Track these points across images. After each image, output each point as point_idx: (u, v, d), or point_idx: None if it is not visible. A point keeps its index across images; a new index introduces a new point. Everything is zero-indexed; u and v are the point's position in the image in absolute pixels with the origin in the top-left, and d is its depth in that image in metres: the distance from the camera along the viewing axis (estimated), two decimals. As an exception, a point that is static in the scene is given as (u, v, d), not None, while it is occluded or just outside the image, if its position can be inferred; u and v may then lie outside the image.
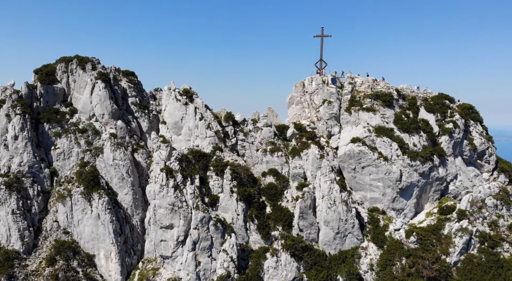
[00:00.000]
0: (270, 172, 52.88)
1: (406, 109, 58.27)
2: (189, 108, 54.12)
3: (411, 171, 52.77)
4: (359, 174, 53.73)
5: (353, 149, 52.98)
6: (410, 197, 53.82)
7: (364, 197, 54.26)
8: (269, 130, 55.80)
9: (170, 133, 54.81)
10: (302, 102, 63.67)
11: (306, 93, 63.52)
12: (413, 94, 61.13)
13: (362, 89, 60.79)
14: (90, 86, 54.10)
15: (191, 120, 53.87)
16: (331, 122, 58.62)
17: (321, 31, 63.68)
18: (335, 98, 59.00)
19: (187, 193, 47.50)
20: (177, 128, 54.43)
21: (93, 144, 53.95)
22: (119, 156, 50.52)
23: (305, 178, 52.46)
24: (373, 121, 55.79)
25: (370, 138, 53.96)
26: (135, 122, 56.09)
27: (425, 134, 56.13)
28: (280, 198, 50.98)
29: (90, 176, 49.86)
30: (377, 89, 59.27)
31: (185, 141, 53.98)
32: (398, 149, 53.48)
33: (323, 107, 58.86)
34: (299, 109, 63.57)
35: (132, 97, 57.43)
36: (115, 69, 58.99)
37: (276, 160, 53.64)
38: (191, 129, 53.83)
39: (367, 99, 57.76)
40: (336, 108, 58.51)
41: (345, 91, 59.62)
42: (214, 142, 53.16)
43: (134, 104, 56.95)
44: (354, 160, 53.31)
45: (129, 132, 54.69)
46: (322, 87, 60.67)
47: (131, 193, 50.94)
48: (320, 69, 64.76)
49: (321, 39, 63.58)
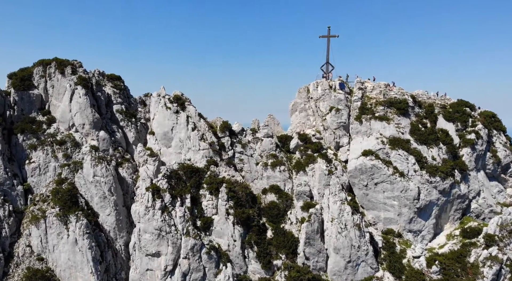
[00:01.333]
0: (271, 188, 46.95)
1: (422, 118, 52.35)
2: (180, 117, 48.16)
3: (430, 188, 46.83)
4: (371, 191, 47.77)
5: (365, 163, 47.06)
6: (428, 217, 47.84)
7: (377, 217, 48.27)
8: (270, 142, 49.85)
9: (158, 145, 48.84)
10: (307, 110, 57.70)
11: (311, 100, 57.57)
12: (430, 101, 55.19)
13: (373, 95, 54.85)
14: (69, 92, 48.15)
15: (182, 131, 47.90)
16: (339, 132, 52.65)
17: (328, 31, 57.83)
18: (343, 106, 53.04)
19: (176, 215, 41.51)
20: (166, 139, 48.44)
21: (72, 157, 47.94)
22: (101, 171, 44.53)
23: (311, 197, 46.49)
24: (387, 132, 49.88)
25: (384, 151, 48.04)
26: (120, 132, 50.12)
27: (444, 146, 50.23)
28: (283, 220, 44.99)
29: (67, 195, 43.88)
30: (390, 96, 53.34)
31: (176, 154, 48.01)
32: (415, 163, 47.56)
33: (330, 116, 52.90)
34: (303, 117, 57.60)
35: (117, 104, 51.48)
36: (99, 73, 53.04)
37: (278, 175, 47.68)
38: (182, 141, 47.87)
39: (380, 107, 51.82)
40: (344, 117, 52.53)
41: (354, 98, 53.67)
42: (208, 155, 47.18)
43: (119, 112, 51.01)
44: (366, 176, 47.37)
45: (113, 144, 48.71)
46: (329, 93, 54.74)
47: (114, 214, 44.95)
48: (326, 73, 58.83)
49: (328, 40, 57.70)
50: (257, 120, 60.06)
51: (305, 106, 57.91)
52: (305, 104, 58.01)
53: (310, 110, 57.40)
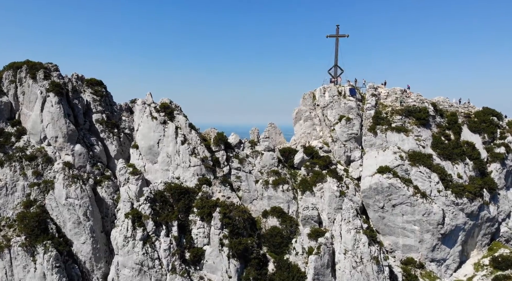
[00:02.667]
0: (273, 211, 40.68)
1: (445, 128, 46.02)
2: (168, 129, 41.84)
3: (457, 211, 40.57)
4: (388, 214, 41.46)
5: (381, 181, 40.77)
6: (454, 243, 41.58)
7: (395, 243, 41.94)
8: (271, 156, 43.53)
9: (143, 161, 42.51)
10: (312, 118, 51.37)
11: (317, 107, 51.25)
12: (452, 109, 48.87)
13: (388, 102, 48.55)
14: (41, 100, 41.89)
15: (170, 144, 41.57)
16: (350, 145, 46.32)
17: (336, 30, 51.51)
18: (354, 114, 46.72)
19: (160, 247, 35.24)
20: (152, 154, 42.11)
21: (44, 175, 41.63)
22: (75, 192, 38.29)
23: (319, 222, 40.18)
24: (406, 145, 43.59)
25: (402, 167, 41.73)
26: (100, 145, 43.83)
27: (471, 161, 43.92)
28: (287, 249, 38.67)
29: (34, 221, 37.62)
30: (408, 103, 47.02)
31: (162, 171, 41.66)
32: (439, 182, 41.28)
33: (340, 126, 46.58)
34: (308, 126, 51.27)
35: (97, 113, 45.17)
36: (77, 77, 46.79)
37: (281, 195, 41.37)
38: (170, 156, 41.54)
39: (397, 116, 45.50)
40: (356, 127, 46.20)
41: (367, 106, 47.33)
42: (200, 172, 40.88)
43: (99, 122, 44.70)
44: (383, 196, 41.08)
45: (91, 159, 42.43)
46: (338, 99, 48.42)
47: (90, 242, 38.66)
48: (334, 77, 52.51)
49: (336, 40, 51.39)
50: (257, 130, 53.71)
51: (311, 114, 51.60)
52: (311, 112, 51.70)
53: (317, 119, 51.08)
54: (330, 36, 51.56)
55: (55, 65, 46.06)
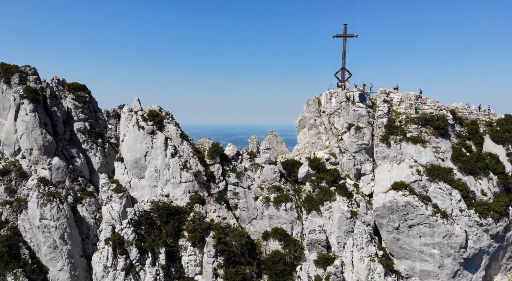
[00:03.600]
0: (275, 233, 36.17)
1: (465, 138, 41.52)
2: (156, 140, 37.30)
3: (481, 233, 36.02)
4: (404, 235, 36.92)
5: (396, 199, 36.24)
6: (477, 268, 37.05)
7: (412, 268, 37.36)
8: (272, 170, 39.00)
9: (128, 175, 37.97)
10: (318, 126, 46.87)
11: (323, 114, 46.72)
12: (472, 117, 44.37)
13: (402, 109, 44.01)
14: (14, 108, 37.36)
15: (159, 157, 37.04)
16: (360, 157, 41.82)
17: (344, 30, 46.94)
18: (365, 123, 42.19)
19: (145, 278, 30.65)
20: (138, 168, 37.57)
21: (18, 192, 37.13)
22: (51, 213, 33.85)
23: (328, 247, 35.61)
24: (423, 158, 39.10)
25: (420, 183, 37.19)
26: (82, 157, 39.36)
27: (495, 176, 39.39)
28: (291, 278, 34.20)
29: (4, 245, 33.23)
30: (424, 111, 42.50)
31: (150, 188, 37.14)
32: (461, 200, 36.76)
33: (349, 135, 42.06)
34: (313, 135, 46.76)
35: (79, 121, 40.73)
36: (58, 81, 42.38)
37: (284, 214, 36.86)
38: (158, 171, 37.01)
39: (412, 125, 41.00)
40: (367, 137, 41.69)
41: (379, 113, 42.79)
42: (192, 189, 36.37)
43: (81, 131, 40.26)
44: (398, 216, 36.55)
45: (71, 173, 37.96)
46: (346, 106, 43.89)
47: (67, 269, 34.22)
48: (342, 81, 47.97)
49: (344, 41, 46.83)
50: (256, 139, 49.17)
51: (316, 122, 47.07)
52: (316, 120, 47.16)
53: (322, 127, 46.55)
54: (337, 36, 47.01)
55: (33, 68, 41.59)
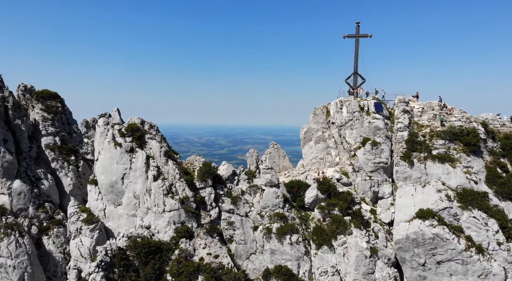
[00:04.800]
0: (277, 272, 30.03)
1: (499, 156, 35.51)
2: (136, 159, 31.23)
3: (524, 271, 29.87)
4: (432, 273, 30.80)
5: (422, 230, 30.19)
6: (519, 313, 30.81)
7: (441, 313, 31.22)
8: (275, 194, 32.89)
9: (103, 201, 31.84)
10: (326, 139, 40.85)
11: (333, 126, 40.72)
12: (505, 129, 38.34)
13: (424, 121, 38.00)
14: (-33, 121, 31.29)
15: (138, 181, 30.95)
16: (377, 177, 35.73)
17: (356, 29, 41.00)
18: (383, 137, 36.14)
19: None
20: (115, 193, 31.45)
21: (-30, 222, 30.99)
22: (8, 249, 27.87)
23: (341, 291, 29.43)
24: (452, 180, 33.08)
25: (450, 211, 31.13)
26: (50, 179, 33.36)
27: (538, 200, 33.25)
28: (297, 331, 27.88)
29: None
30: (452, 123, 36.47)
31: (128, 218, 30.99)
32: (499, 231, 30.77)
33: (364, 152, 36.00)
34: (321, 150, 40.72)
35: (48, 135, 34.72)
36: (25, 89, 36.44)
37: (289, 249, 30.70)
38: (138, 197, 30.91)
39: (438, 141, 34.99)
40: (385, 154, 35.60)
41: (398, 125, 36.76)
42: (178, 219, 30.28)
43: (51, 148, 34.26)
44: (424, 250, 30.46)
45: (35, 198, 31.91)
46: (360, 117, 37.87)
47: (26, 318, 27.91)
48: (354, 87, 41.98)
49: (356, 41, 40.87)
50: (255, 153, 43.13)
51: (324, 134, 41.04)
52: (324, 132, 41.14)
53: (332, 140, 40.52)
54: (348, 36, 41.06)
55: (-4, 73, 35.63)
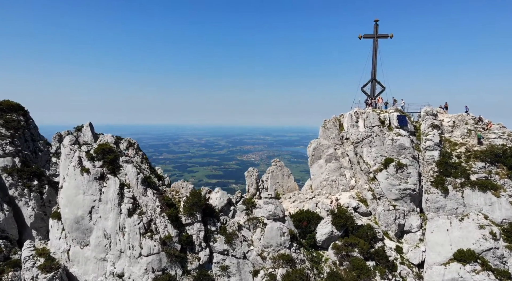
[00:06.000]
0: (283, 330, 23.77)
1: (550, 180, 29.29)
2: (107, 189, 25.15)
3: None
4: (475, 331, 24.67)
5: (463, 277, 24.47)
6: None
7: None
8: (279, 230, 26.79)
9: (67, 241, 25.75)
10: (339, 158, 34.74)
11: (347, 142, 34.65)
12: (554, 147, 32.11)
13: (457, 137, 31.85)
14: None
15: (110, 216, 24.86)
16: (403, 206, 29.60)
17: (374, 29, 34.95)
18: (409, 158, 30.00)
19: None
20: (81, 231, 25.36)
21: None
22: None
23: None
24: (497, 212, 27.07)
25: (496, 252, 25.20)
26: (7, 209, 27.43)
27: None
28: None
29: None
30: (491, 140, 30.33)
31: (97, 262, 24.86)
32: (559, 279, 24.52)
33: (386, 175, 29.90)
34: (333, 170, 34.58)
35: (5, 156, 28.89)
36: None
37: (296, 300, 24.50)
38: (109, 236, 24.82)
39: (477, 163, 28.87)
40: (413, 179, 29.46)
41: (427, 144, 30.61)
42: (158, 265, 24.17)
43: (8, 171, 28.36)
44: (466, 302, 24.35)
45: (-16, 236, 25.74)
46: (380, 132, 31.77)
47: None
48: (372, 97, 35.88)
49: (374, 42, 34.80)
50: (255, 173, 37.27)
51: (337, 152, 34.93)
52: (337, 149, 35.03)
53: (346, 159, 34.42)
54: (365, 36, 34.99)
55: None
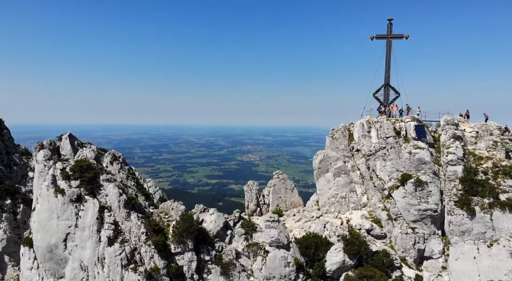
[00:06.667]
0: None
1: None
2: (85, 213, 21.78)
3: None
4: None
5: (498, 318, 20.64)
6: None
7: None
8: (283, 260, 23.41)
9: (39, 271, 22.36)
10: (349, 172, 31.32)
11: (357, 154, 31.24)
12: None
13: (482, 150, 28.45)
14: None
15: (87, 244, 21.48)
16: (423, 229, 26.19)
17: (388, 28, 31.57)
18: (430, 174, 26.59)
19: None
20: (55, 261, 21.97)
21: None
22: None
23: None
24: (533, 238, 23.52)
25: (536, 288, 21.59)
26: (-29, 234, 23.80)
27: None
28: None
29: None
30: (522, 153, 26.95)
31: (73, 299, 21.47)
32: None
33: (404, 193, 26.50)
34: (342, 185, 31.14)
35: (-27, 172, 25.17)
36: None
37: None
38: (87, 268, 21.42)
39: (507, 181, 25.53)
40: (435, 198, 26.03)
41: (449, 157, 27.20)
42: (145, 300, 20.67)
43: (-25, 189, 24.68)
44: None
45: None
46: (396, 144, 28.39)
47: None
48: (386, 104, 32.49)
49: (388, 43, 31.43)
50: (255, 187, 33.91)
51: (346, 165, 31.51)
52: (346, 162, 31.61)
53: (357, 173, 31.01)
54: (378, 37, 31.61)
55: None
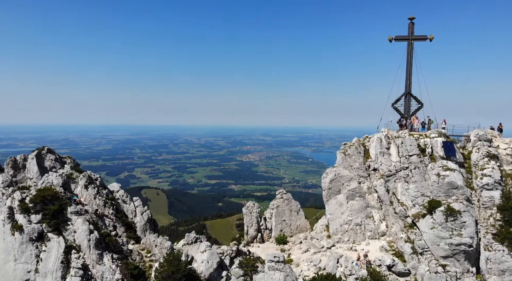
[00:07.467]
0: None
1: None
2: (47, 254, 17.59)
3: None
4: None
5: None
6: None
7: None
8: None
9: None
10: (364, 195, 27.17)
11: (374, 174, 27.10)
12: None
13: (523, 171, 24.35)
14: None
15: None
16: (455, 267, 22.00)
17: (409, 28, 27.52)
18: (463, 201, 22.45)
19: None
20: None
21: None
22: None
23: None
24: None
25: None
26: None
27: None
28: None
29: None
30: None
31: None
32: None
33: (432, 223, 22.37)
34: (357, 210, 26.96)
35: None
36: None
37: None
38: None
39: (558, 209, 21.29)
40: (470, 230, 21.87)
41: (485, 180, 23.11)
42: None
43: None
44: None
45: None
46: (421, 163, 24.30)
47: None
48: (407, 116, 28.34)
49: (409, 46, 27.36)
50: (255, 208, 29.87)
51: (362, 186, 27.35)
52: (361, 183, 27.46)
53: (374, 196, 26.86)
54: (397, 38, 27.56)
55: None
